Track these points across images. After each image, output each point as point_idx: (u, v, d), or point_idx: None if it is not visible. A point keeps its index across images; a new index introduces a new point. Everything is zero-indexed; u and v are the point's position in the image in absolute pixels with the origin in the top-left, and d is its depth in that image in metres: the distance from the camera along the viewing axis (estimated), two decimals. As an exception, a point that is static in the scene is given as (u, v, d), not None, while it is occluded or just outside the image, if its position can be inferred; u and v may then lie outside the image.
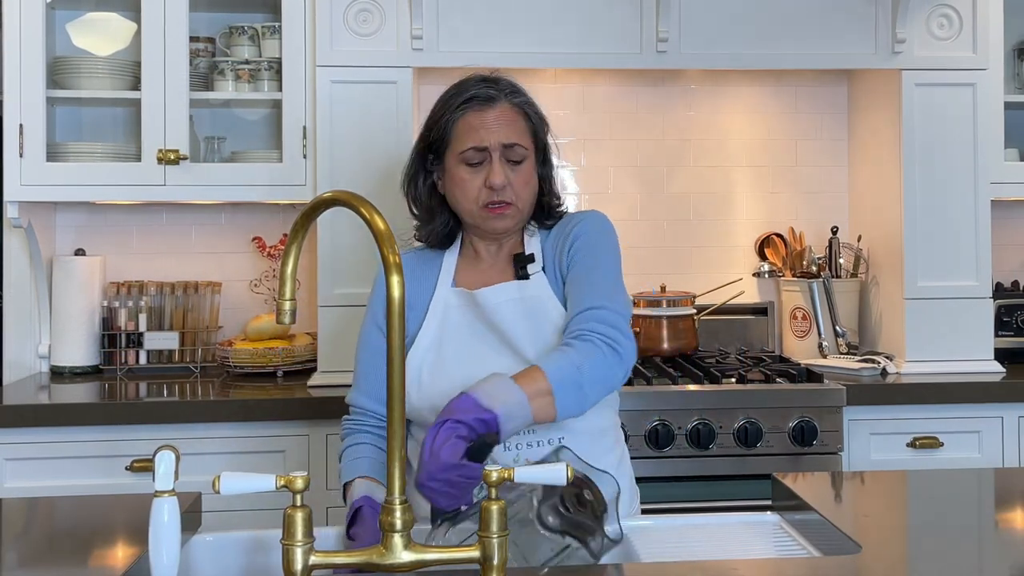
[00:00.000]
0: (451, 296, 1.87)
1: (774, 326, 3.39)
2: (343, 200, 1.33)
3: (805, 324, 3.24)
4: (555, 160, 1.96)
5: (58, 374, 3.08)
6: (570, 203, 3.41)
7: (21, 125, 2.91)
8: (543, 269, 1.88)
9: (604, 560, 1.62)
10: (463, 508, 1.51)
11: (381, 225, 1.29)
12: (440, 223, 1.92)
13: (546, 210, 1.94)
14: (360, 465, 1.80)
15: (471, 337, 1.82)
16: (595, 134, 3.41)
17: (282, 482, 1.25)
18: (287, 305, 1.36)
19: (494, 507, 1.26)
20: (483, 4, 2.90)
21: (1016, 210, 3.48)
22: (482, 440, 1.55)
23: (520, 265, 1.87)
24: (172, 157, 2.92)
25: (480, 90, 1.85)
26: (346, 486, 1.77)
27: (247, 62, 3.08)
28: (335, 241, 2.87)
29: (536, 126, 1.88)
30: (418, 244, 1.98)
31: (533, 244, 1.91)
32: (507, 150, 1.83)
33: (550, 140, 1.95)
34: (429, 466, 1.51)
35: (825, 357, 3.15)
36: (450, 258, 1.92)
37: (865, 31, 3.00)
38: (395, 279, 1.26)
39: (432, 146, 1.88)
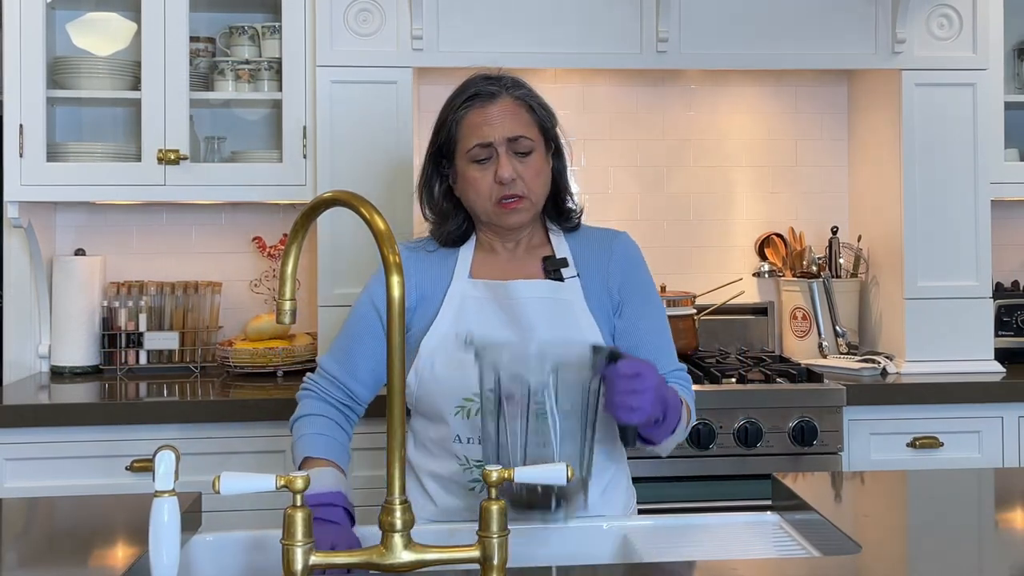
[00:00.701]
0: (468, 287, 1.86)
1: (774, 326, 3.40)
2: (343, 200, 1.32)
3: (805, 324, 3.24)
4: (568, 158, 1.96)
5: (58, 374, 3.08)
6: (570, 203, 3.41)
7: (21, 125, 2.91)
8: (577, 275, 1.88)
9: (604, 560, 1.62)
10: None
11: (381, 225, 1.29)
12: (454, 224, 1.91)
13: (562, 210, 1.93)
14: (320, 443, 1.77)
15: (489, 329, 1.82)
16: (595, 134, 3.41)
17: (282, 482, 1.25)
18: (287, 305, 1.36)
19: (494, 507, 1.26)
20: (483, 4, 2.90)
21: (1016, 210, 3.48)
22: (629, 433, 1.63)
23: (553, 267, 1.87)
24: (172, 157, 2.92)
25: (481, 87, 1.85)
26: (308, 459, 1.73)
27: (247, 62, 3.08)
28: (335, 241, 2.87)
29: (541, 118, 1.87)
30: (425, 237, 1.97)
31: (562, 248, 1.91)
32: (513, 143, 1.82)
33: (561, 136, 1.94)
34: (635, 399, 1.57)
35: (825, 357, 3.15)
36: (466, 252, 1.91)
37: (865, 31, 3.00)
38: (395, 279, 1.26)
39: (442, 149, 1.88)
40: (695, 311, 3.18)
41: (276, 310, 1.37)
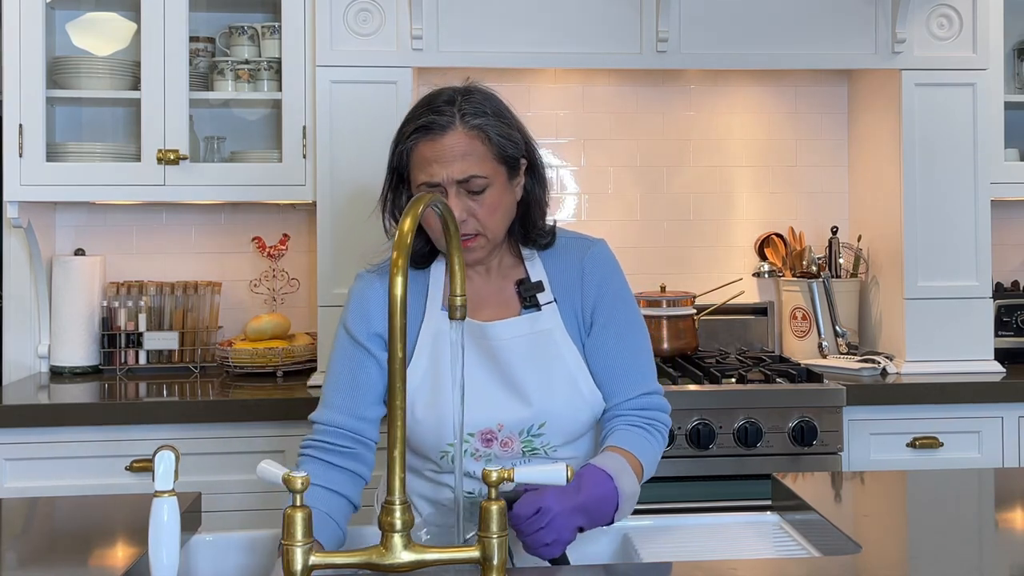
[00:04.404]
0: (443, 322, 1.75)
1: (774, 326, 3.39)
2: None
3: (805, 324, 3.24)
4: (548, 174, 1.83)
5: (58, 374, 3.08)
6: (570, 203, 3.41)
7: (21, 125, 2.91)
8: (554, 300, 1.78)
9: (604, 560, 1.62)
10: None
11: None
12: (416, 244, 1.77)
13: (529, 235, 1.80)
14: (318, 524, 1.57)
15: (468, 369, 1.68)
16: (595, 134, 3.41)
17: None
18: (458, 301, 1.40)
19: (494, 507, 1.27)
20: (483, 4, 2.90)
21: (1016, 210, 3.48)
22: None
23: (528, 293, 1.77)
24: (172, 157, 2.92)
25: (429, 118, 1.69)
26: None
27: (247, 62, 3.08)
28: (335, 241, 2.87)
29: (500, 146, 1.70)
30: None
31: (537, 270, 1.80)
32: (463, 183, 1.68)
33: (536, 153, 1.79)
34: (548, 535, 1.51)
35: (825, 357, 3.15)
36: (436, 275, 1.80)
37: (865, 31, 3.00)
38: (399, 280, 1.26)
39: (399, 170, 1.76)
40: (695, 311, 3.18)
41: (448, 306, 1.41)
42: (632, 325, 1.81)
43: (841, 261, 3.29)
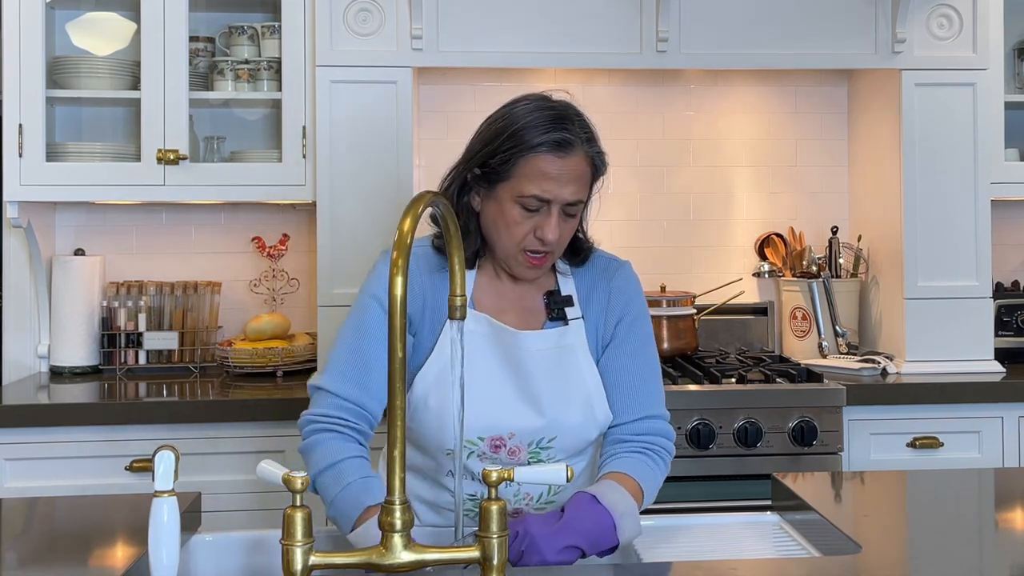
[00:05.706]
0: (470, 320, 1.72)
1: (774, 326, 3.39)
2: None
3: (805, 324, 3.24)
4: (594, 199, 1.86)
5: (57, 374, 3.08)
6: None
7: (21, 125, 2.91)
8: (581, 316, 1.80)
9: (604, 560, 1.62)
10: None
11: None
12: (470, 244, 1.76)
13: (575, 248, 1.83)
14: (376, 487, 1.61)
15: (489, 373, 1.73)
16: (595, 134, 3.41)
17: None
18: (458, 301, 1.41)
19: (494, 507, 1.26)
20: (483, 4, 2.90)
21: (1016, 210, 3.49)
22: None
23: (557, 307, 1.79)
24: (172, 157, 2.92)
25: (563, 135, 1.69)
26: (369, 508, 1.57)
27: (247, 62, 3.08)
28: (335, 241, 2.87)
29: (597, 174, 1.77)
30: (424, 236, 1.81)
31: (568, 285, 1.83)
32: (568, 206, 1.71)
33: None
34: (532, 558, 1.49)
35: (825, 357, 3.15)
36: (469, 273, 1.77)
37: (865, 31, 3.00)
38: (399, 279, 1.26)
39: (488, 167, 1.72)
40: (695, 311, 3.18)
41: (448, 305, 1.41)
42: (646, 348, 1.83)
43: (841, 261, 3.29)
